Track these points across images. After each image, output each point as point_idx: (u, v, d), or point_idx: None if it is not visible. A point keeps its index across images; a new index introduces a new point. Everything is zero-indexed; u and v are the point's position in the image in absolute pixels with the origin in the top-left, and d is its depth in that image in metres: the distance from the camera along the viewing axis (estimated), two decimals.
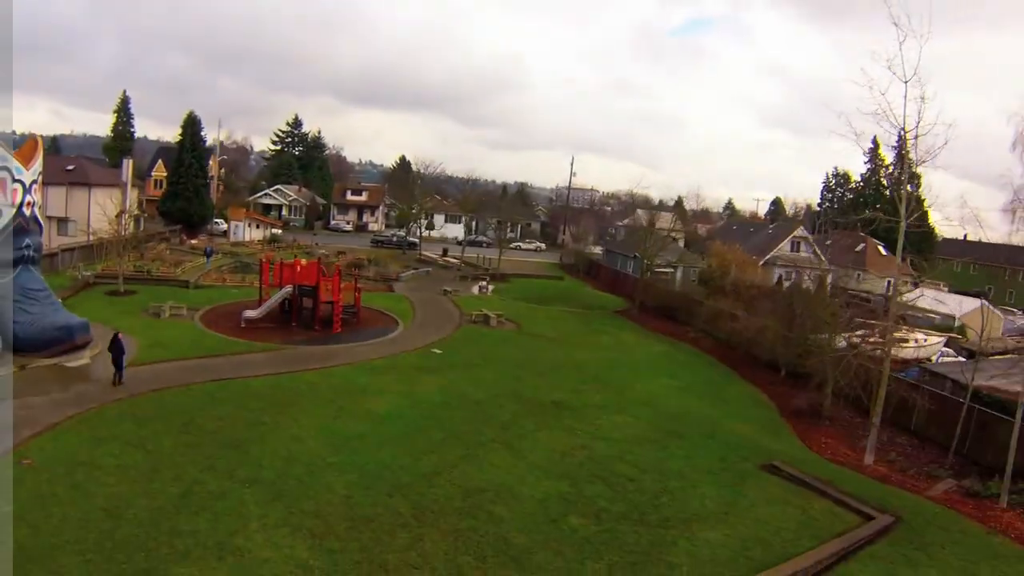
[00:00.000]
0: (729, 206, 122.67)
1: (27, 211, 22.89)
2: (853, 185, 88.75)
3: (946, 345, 38.17)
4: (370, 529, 13.14)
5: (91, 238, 38.50)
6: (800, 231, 58.91)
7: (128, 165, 48.04)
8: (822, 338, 27.46)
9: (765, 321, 30.98)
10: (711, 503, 16.08)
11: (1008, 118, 20.73)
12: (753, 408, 26.41)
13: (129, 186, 47.39)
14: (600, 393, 23.84)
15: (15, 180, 22.21)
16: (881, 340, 34.10)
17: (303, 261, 32.69)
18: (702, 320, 37.15)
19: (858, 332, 27.92)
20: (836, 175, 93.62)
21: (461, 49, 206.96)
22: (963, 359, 33.93)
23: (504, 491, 15.35)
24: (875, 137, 31.01)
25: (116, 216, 43.11)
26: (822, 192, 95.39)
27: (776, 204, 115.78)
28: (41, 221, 24.70)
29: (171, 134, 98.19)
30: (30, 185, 22.85)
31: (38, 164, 23.72)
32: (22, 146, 24.06)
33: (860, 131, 20.44)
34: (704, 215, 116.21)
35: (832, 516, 16.17)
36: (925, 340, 36.69)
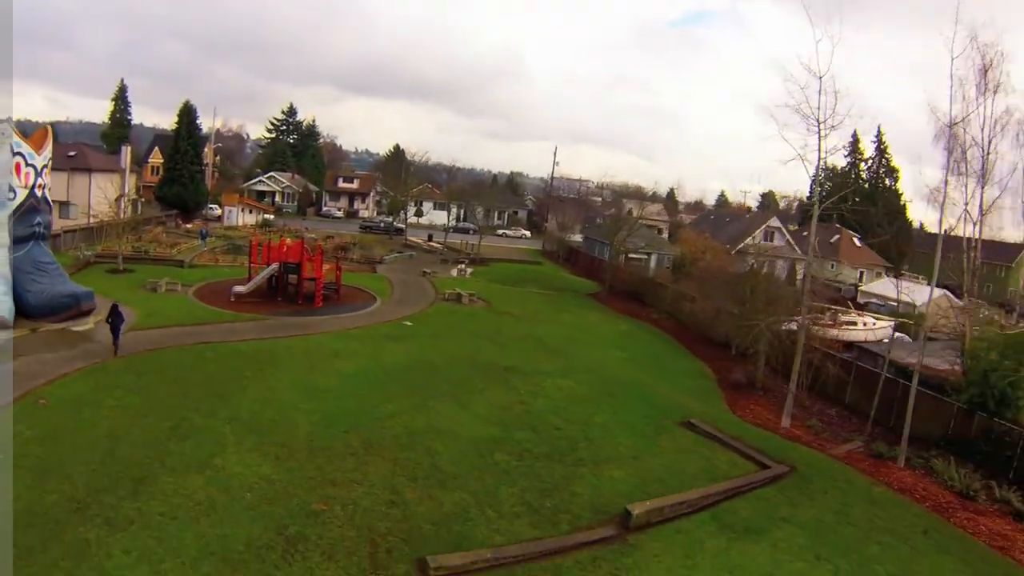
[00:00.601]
0: (722, 198, 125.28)
1: (38, 192, 25.80)
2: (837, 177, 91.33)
3: (898, 330, 40.95)
4: (325, 456, 16.14)
5: (92, 220, 41.33)
6: (774, 221, 61.67)
7: (127, 152, 50.90)
8: (766, 317, 30.32)
9: (719, 303, 33.82)
10: (624, 449, 19.03)
11: (929, 112, 23.22)
12: (693, 379, 29.33)
13: (128, 172, 50.23)
14: (551, 362, 26.77)
15: (28, 164, 25.08)
16: (831, 323, 37.20)
17: (289, 241, 35.61)
18: (666, 303, 40.07)
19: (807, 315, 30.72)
20: (824, 168, 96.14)
21: (461, 39, 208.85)
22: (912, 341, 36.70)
23: (444, 433, 18.33)
24: (855, 131, 33.45)
25: (115, 200, 46.16)
26: (811, 185, 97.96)
27: (766, 197, 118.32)
28: (50, 202, 27.61)
29: (167, 121, 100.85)
30: (41, 169, 25.74)
31: (48, 150, 26.62)
32: (34, 134, 26.89)
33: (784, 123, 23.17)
34: (698, 207, 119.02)
35: (732, 465, 19.09)
36: (874, 323, 39.50)
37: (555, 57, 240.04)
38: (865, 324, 38.85)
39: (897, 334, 40.78)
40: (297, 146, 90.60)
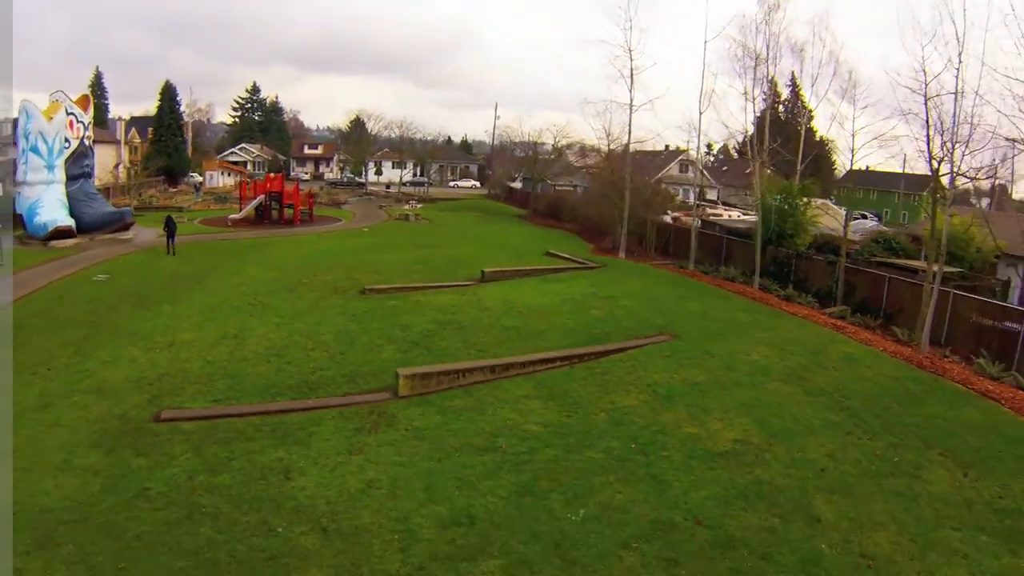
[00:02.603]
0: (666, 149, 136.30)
1: (87, 142, 36.67)
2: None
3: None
4: (308, 268, 27.49)
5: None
6: (686, 156, 73.44)
7: (120, 125, 61.21)
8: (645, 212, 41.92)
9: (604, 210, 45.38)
10: (493, 260, 30.52)
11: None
12: (572, 245, 40.72)
13: (123, 143, 60.64)
14: (466, 245, 38.15)
15: (79, 121, 35.88)
16: (702, 214, 49.14)
17: (272, 176, 46.71)
18: (578, 216, 51.61)
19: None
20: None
21: (417, 10, 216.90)
22: None
23: (381, 263, 29.63)
24: (772, 76, 41.13)
25: (114, 167, 56.82)
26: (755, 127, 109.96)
27: (709, 147, 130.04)
28: (93, 149, 38.52)
29: (131, 109, 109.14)
30: (88, 124, 36.58)
31: (90, 111, 37.45)
32: (78, 98, 37.54)
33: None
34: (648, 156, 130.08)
35: (566, 264, 30.52)
36: (729, 215, 51.53)
37: (512, 23, 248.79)
38: (729, 216, 50.83)
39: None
40: (263, 122, 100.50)
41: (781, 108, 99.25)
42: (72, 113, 35.45)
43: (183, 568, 8.05)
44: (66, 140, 35.25)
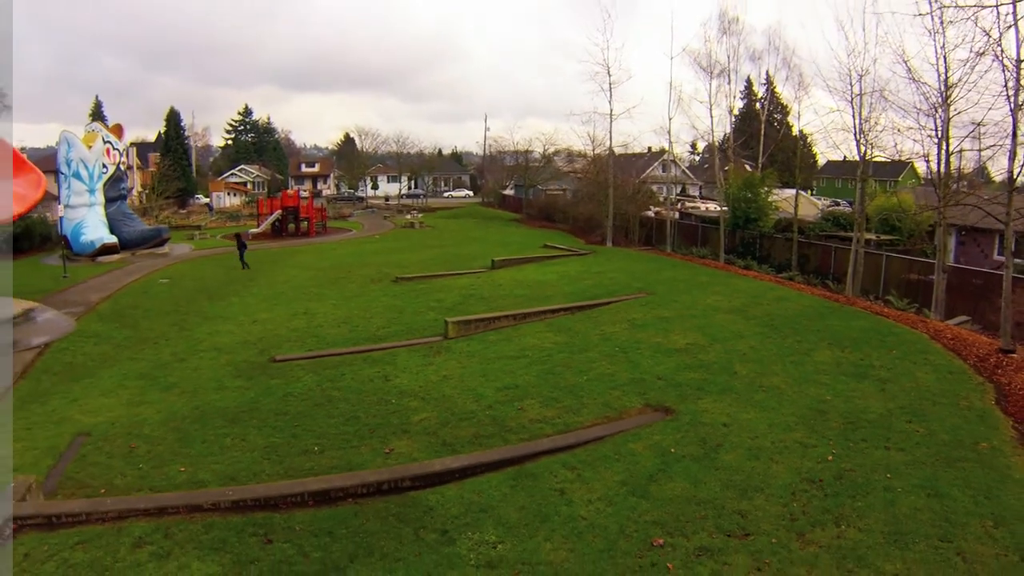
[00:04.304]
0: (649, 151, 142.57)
1: (122, 167, 41.82)
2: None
3: None
4: (341, 267, 32.71)
5: None
6: (667, 156, 79.24)
7: (133, 151, 66.26)
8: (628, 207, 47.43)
9: (592, 208, 50.90)
10: (491, 255, 35.83)
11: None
12: (565, 240, 46.18)
13: (134, 168, 65.68)
14: (471, 244, 43.51)
15: (115, 148, 41.05)
16: (680, 207, 54.77)
17: (289, 192, 51.95)
18: (569, 216, 57.07)
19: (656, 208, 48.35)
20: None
21: (395, 25, 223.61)
22: None
23: (402, 261, 34.93)
24: (748, 76, 47.05)
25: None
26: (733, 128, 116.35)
27: (694, 146, 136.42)
28: (127, 173, 43.64)
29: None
30: (122, 151, 41.75)
31: (124, 139, 42.66)
32: (112, 126, 42.70)
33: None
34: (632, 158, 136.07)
35: (562, 252, 35.93)
36: (706, 207, 57.14)
37: (492, 32, 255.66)
38: (706, 208, 56.45)
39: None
40: (257, 143, 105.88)
41: (758, 105, 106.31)
42: (108, 141, 40.59)
43: (336, 422, 13.18)
44: (104, 166, 40.34)
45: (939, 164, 21.26)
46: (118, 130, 42.71)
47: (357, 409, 13.57)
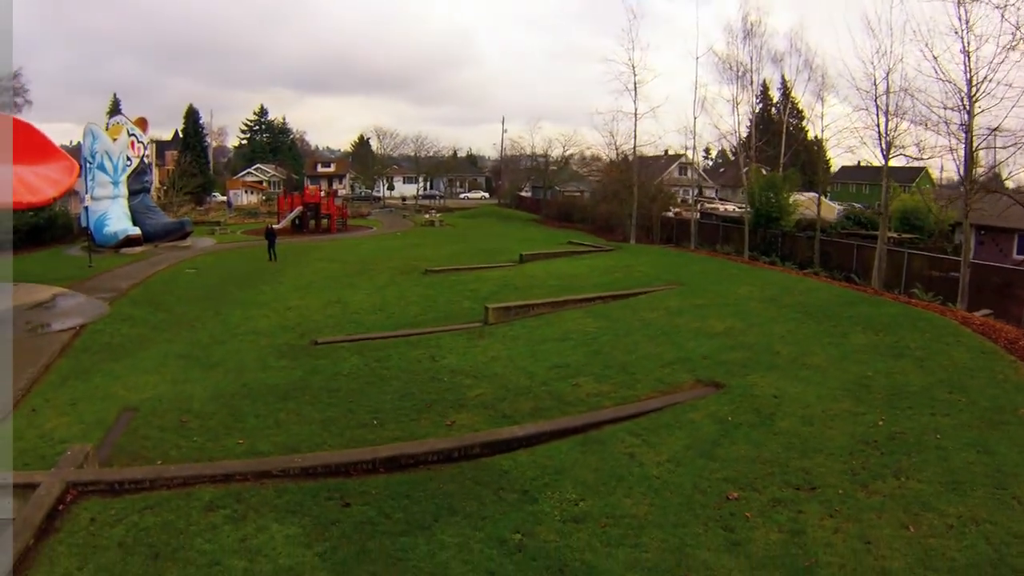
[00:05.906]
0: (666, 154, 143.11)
1: (146, 160, 42.57)
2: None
3: None
4: (368, 260, 33.27)
5: None
6: (684, 159, 79.69)
7: (152, 148, 67.19)
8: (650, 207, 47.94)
9: (614, 207, 51.41)
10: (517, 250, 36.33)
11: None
12: (587, 239, 46.62)
13: (154, 165, 66.56)
14: (494, 241, 44.03)
15: (139, 141, 41.79)
16: (700, 208, 55.26)
17: (311, 188, 52.64)
18: (588, 215, 57.59)
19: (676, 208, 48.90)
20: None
21: (409, 28, 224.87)
22: None
23: (428, 255, 35.43)
24: (764, 80, 47.07)
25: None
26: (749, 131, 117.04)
27: (707, 150, 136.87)
28: (152, 166, 44.41)
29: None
30: (146, 144, 42.50)
31: (148, 132, 43.45)
32: (136, 119, 43.42)
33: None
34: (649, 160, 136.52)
35: (588, 248, 36.40)
36: (725, 208, 57.61)
37: (506, 36, 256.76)
38: (725, 209, 56.93)
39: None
40: (272, 143, 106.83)
41: (773, 110, 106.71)
42: (133, 134, 41.34)
43: (391, 398, 13.65)
44: (128, 159, 41.07)
45: (967, 155, 21.67)
46: (142, 123, 43.47)
47: (410, 386, 14.04)
